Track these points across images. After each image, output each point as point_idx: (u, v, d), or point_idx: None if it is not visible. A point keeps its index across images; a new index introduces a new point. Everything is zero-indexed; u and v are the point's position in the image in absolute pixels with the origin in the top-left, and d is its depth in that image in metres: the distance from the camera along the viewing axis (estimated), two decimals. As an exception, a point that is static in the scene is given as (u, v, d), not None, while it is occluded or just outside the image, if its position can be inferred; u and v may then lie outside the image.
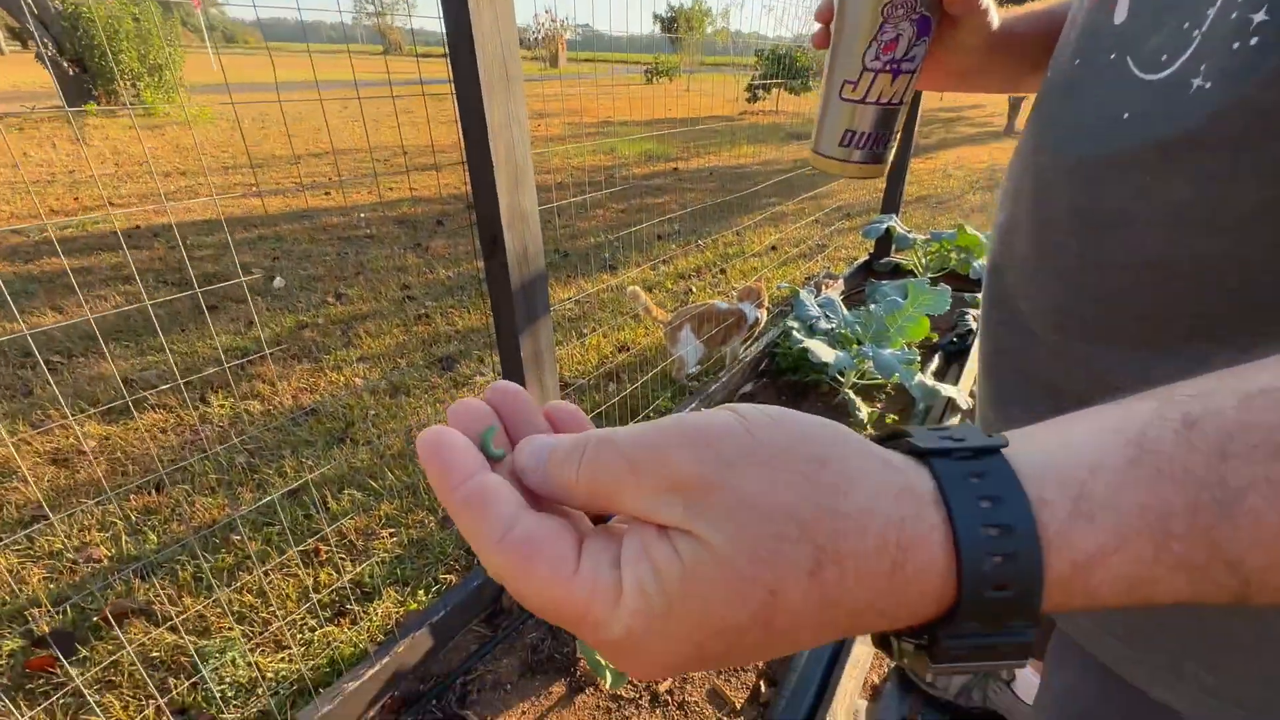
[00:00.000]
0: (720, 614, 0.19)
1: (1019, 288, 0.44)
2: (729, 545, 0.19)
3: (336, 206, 4.73)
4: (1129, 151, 0.34)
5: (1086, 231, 0.37)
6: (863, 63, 0.49)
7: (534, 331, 1.19)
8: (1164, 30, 0.33)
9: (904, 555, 0.19)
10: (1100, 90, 0.37)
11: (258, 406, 2.10)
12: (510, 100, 1.01)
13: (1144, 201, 0.34)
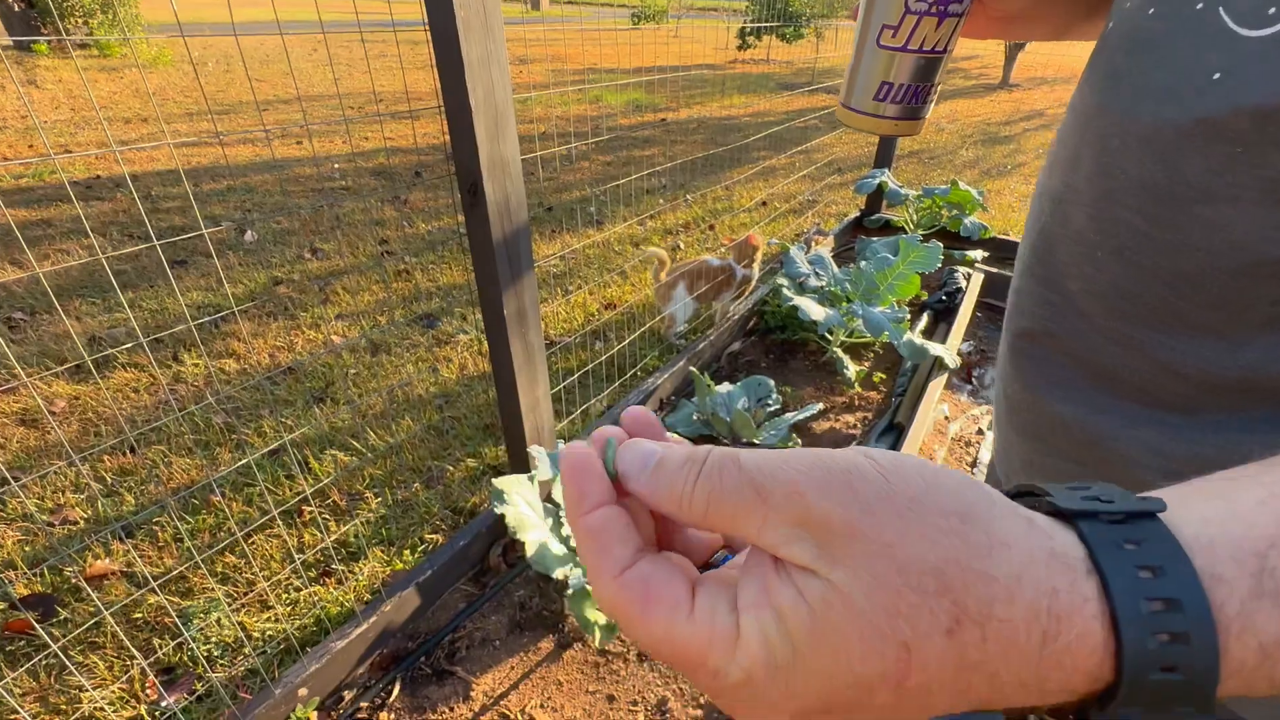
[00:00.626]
0: (849, 668, 0.18)
1: (1072, 266, 0.39)
2: (864, 596, 0.17)
3: (309, 156, 4.53)
4: (1218, 118, 0.30)
5: (1159, 207, 0.33)
6: (905, 4, 0.44)
7: (517, 287, 1.15)
8: None
9: (1057, 627, 0.17)
10: (1184, 45, 0.32)
11: (233, 365, 2.05)
12: (489, 38, 0.94)
13: (1231, 176, 0.30)
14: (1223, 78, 0.30)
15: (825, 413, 1.91)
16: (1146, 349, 0.35)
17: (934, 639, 0.17)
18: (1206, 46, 0.31)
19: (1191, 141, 0.31)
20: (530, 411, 1.27)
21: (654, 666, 1.19)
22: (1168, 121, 0.32)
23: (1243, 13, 0.29)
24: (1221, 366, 0.32)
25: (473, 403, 1.89)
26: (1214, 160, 0.30)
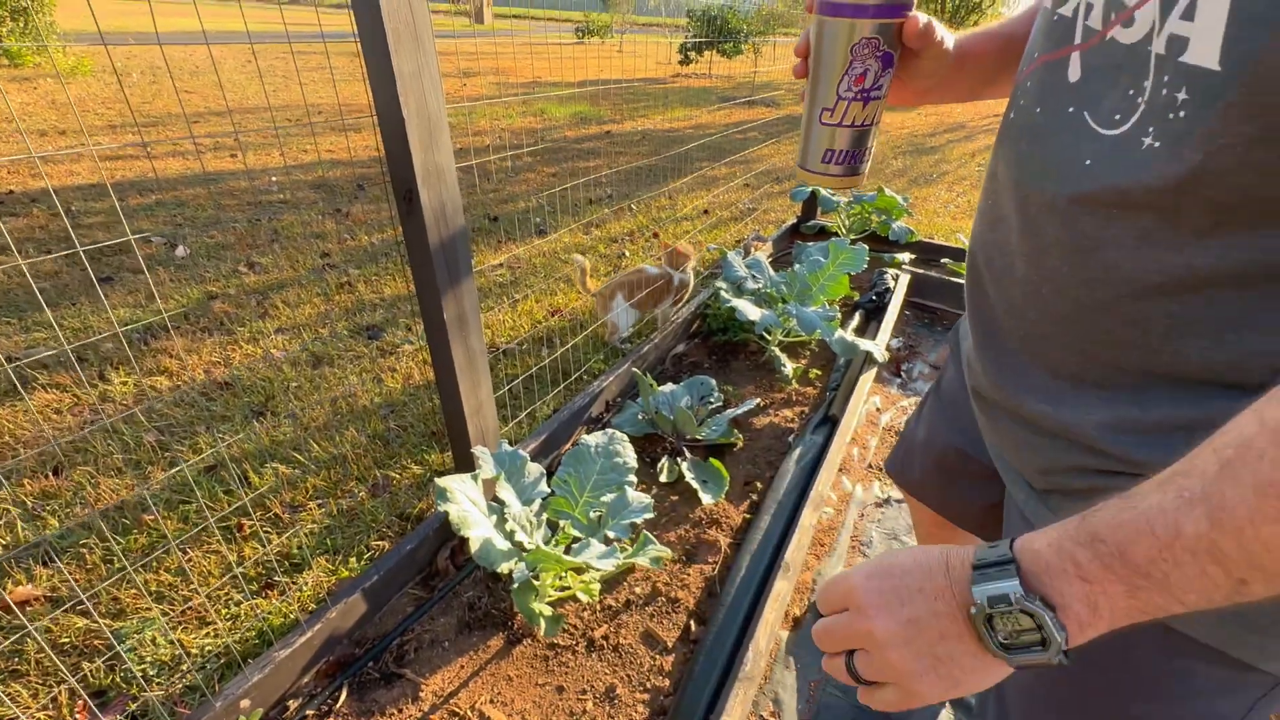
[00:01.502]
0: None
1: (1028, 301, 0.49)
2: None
3: (243, 169, 4.40)
4: (1094, 192, 0.41)
5: (1073, 256, 0.43)
6: (837, 93, 0.57)
7: (457, 293, 1.18)
8: (1114, 94, 0.39)
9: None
10: (1066, 139, 0.43)
11: (165, 382, 1.98)
12: (420, 51, 0.97)
13: (1112, 231, 0.40)
14: (1092, 164, 0.41)
15: (765, 408, 1.99)
16: (1097, 357, 0.45)
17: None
18: (1080, 141, 0.42)
19: (1082, 208, 0.42)
20: (474, 415, 1.30)
21: (602, 657, 1.23)
22: (1063, 195, 0.43)
23: (1101, 117, 0.40)
24: (1151, 364, 0.41)
25: (419, 411, 1.89)
26: (1098, 220, 0.41)
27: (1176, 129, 0.35)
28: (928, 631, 0.38)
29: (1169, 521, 0.30)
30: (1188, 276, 0.37)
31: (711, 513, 1.56)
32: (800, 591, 1.42)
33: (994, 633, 0.35)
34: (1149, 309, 0.40)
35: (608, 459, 1.28)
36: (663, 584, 1.37)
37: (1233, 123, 0.33)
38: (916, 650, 0.38)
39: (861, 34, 0.54)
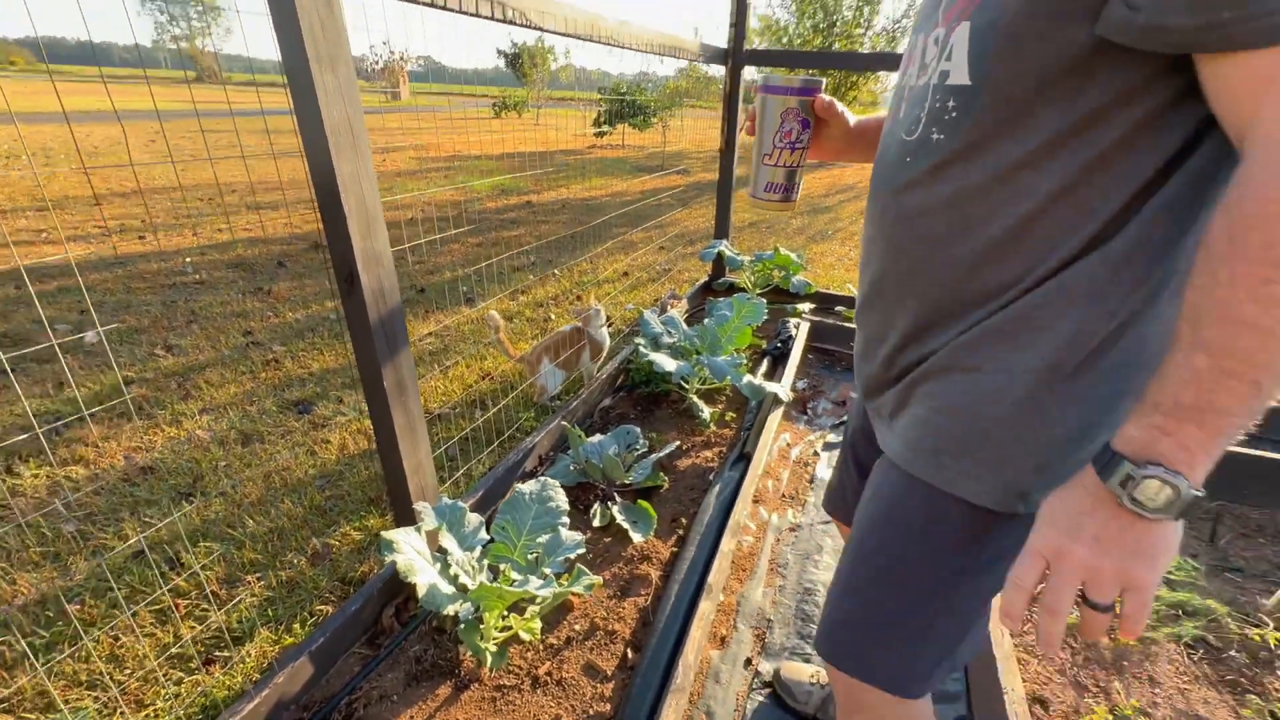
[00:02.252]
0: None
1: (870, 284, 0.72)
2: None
3: (154, 251, 4.31)
4: (911, 178, 0.63)
5: (903, 223, 0.64)
6: (773, 143, 0.87)
7: (395, 363, 1.30)
8: (912, 114, 0.63)
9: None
10: (891, 151, 0.66)
11: (81, 472, 1.94)
12: (358, 157, 1.14)
13: (930, 200, 0.61)
14: (909, 160, 0.63)
15: (687, 451, 2.17)
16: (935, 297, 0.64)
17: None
18: (899, 149, 0.65)
19: (906, 191, 0.64)
20: (414, 473, 1.40)
21: (547, 691, 1.31)
22: (894, 186, 0.65)
23: (906, 129, 0.64)
24: (966, 292, 0.61)
25: (354, 479, 1.94)
26: (917, 196, 0.62)
27: (950, 122, 0.57)
28: (1107, 532, 0.48)
29: (1189, 367, 0.44)
30: (976, 224, 0.58)
31: (642, 550, 1.70)
32: (726, 614, 1.56)
33: (1141, 505, 0.46)
34: (957, 252, 0.60)
35: (541, 504, 1.41)
36: (600, 619, 1.48)
37: (984, 111, 0.55)
38: (1113, 550, 0.48)
39: (788, 105, 0.85)
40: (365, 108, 1.15)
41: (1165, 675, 1.41)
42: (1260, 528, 1.89)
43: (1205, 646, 1.48)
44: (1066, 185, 0.53)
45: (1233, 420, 0.44)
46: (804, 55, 4.25)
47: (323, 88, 1.03)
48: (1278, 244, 0.40)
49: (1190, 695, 1.36)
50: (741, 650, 1.47)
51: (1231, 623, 1.52)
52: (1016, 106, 0.53)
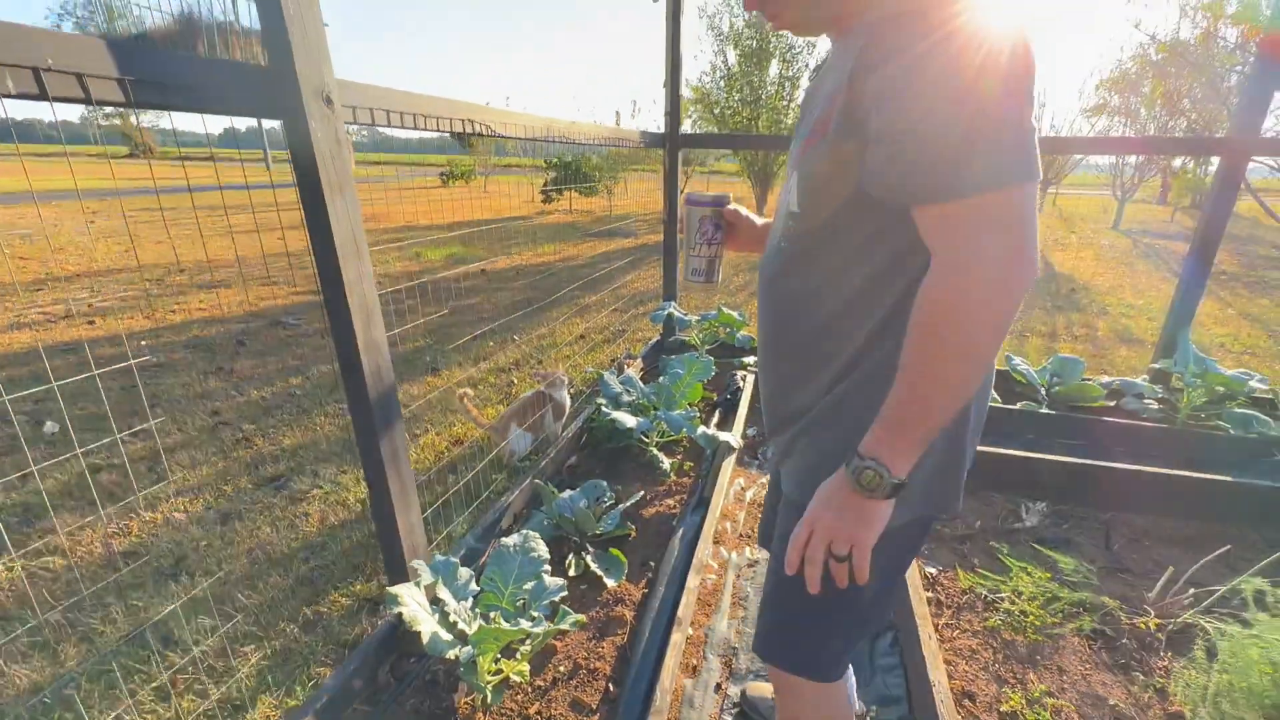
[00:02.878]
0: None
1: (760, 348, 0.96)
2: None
3: (106, 335, 4.29)
4: (779, 265, 0.86)
5: (770, 304, 0.88)
6: (696, 240, 1.16)
7: (390, 435, 1.47)
8: (776, 228, 0.87)
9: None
10: (768, 249, 0.91)
11: (59, 562, 1.96)
12: (360, 263, 1.34)
13: (784, 290, 0.84)
14: (778, 255, 0.87)
15: (651, 500, 2.36)
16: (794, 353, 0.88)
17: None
18: (770, 248, 0.91)
19: (776, 276, 0.87)
20: (407, 535, 1.54)
21: (537, 729, 1.44)
22: (769, 272, 0.90)
23: (774, 235, 0.90)
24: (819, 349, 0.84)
25: (338, 549, 2.03)
26: (779, 280, 0.86)
27: (792, 236, 0.82)
28: (845, 506, 0.72)
29: (896, 399, 0.69)
30: (809, 311, 0.82)
31: (616, 593, 1.85)
32: (695, 645, 1.72)
33: (863, 488, 0.70)
34: (801, 327, 0.84)
35: (524, 554, 1.57)
36: (582, 659, 1.61)
37: (808, 229, 0.80)
38: (849, 517, 0.72)
39: (704, 213, 1.13)
40: None
41: (1071, 664, 1.64)
42: (1146, 532, 2.20)
43: (1102, 637, 1.73)
44: (862, 288, 0.78)
45: (919, 434, 0.69)
46: (730, 138, 4.74)
47: (333, 209, 1.24)
48: (940, 328, 0.65)
49: (1091, 679, 1.60)
50: (712, 677, 1.63)
51: (1123, 615, 1.79)
52: (825, 229, 0.79)
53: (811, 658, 0.93)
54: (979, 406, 0.84)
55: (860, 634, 0.94)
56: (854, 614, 0.90)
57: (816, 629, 0.91)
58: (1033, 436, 2.87)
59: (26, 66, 0.81)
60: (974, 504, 2.33)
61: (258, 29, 1.14)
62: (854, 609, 0.89)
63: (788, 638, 0.94)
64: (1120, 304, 6.03)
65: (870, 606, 0.91)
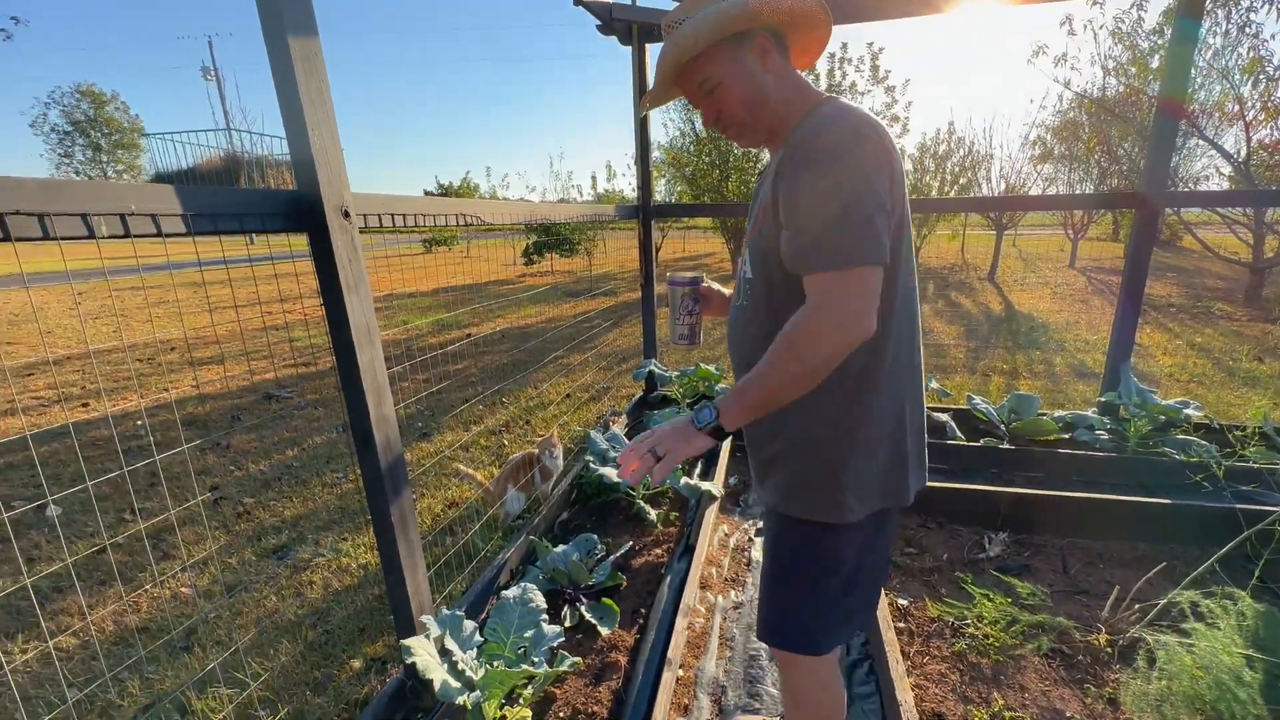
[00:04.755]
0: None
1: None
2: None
3: (101, 418, 4.38)
4: (739, 326, 1.11)
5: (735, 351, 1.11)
6: (679, 312, 1.39)
7: (399, 502, 1.62)
8: (738, 290, 1.12)
9: None
10: (734, 308, 1.16)
11: (72, 640, 2.03)
12: (372, 348, 1.52)
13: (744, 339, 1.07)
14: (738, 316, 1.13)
15: (640, 550, 2.49)
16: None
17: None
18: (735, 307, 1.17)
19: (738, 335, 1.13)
20: (415, 594, 1.66)
21: (541, 772, 1.53)
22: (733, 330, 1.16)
23: (737, 296, 1.16)
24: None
25: (344, 613, 2.13)
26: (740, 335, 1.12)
27: (749, 292, 1.05)
28: (681, 431, 0.98)
29: (747, 377, 0.95)
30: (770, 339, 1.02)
31: (610, 641, 1.97)
32: (686, 686, 1.84)
33: (699, 425, 0.97)
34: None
35: (524, 605, 1.70)
36: (580, 704, 1.72)
37: (758, 290, 1.03)
38: (678, 435, 0.98)
39: (684, 291, 1.35)
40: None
41: (1032, 682, 1.79)
42: (1100, 556, 2.37)
43: (1060, 655, 1.88)
44: None
45: (749, 406, 0.95)
46: (698, 207, 5.09)
47: (350, 304, 1.44)
48: (789, 345, 0.90)
49: (1050, 694, 1.74)
50: (702, 714, 1.74)
51: (1077, 633, 1.94)
52: (773, 290, 1.03)
53: (805, 637, 1.14)
54: (913, 415, 1.07)
55: (842, 616, 1.14)
56: (832, 597, 1.11)
57: (804, 612, 1.13)
58: (995, 471, 3.07)
59: (116, 214, 1.01)
60: (941, 537, 2.50)
61: (288, 158, 1.37)
62: (830, 593, 1.11)
63: (783, 623, 1.16)
64: (1075, 340, 6.38)
65: (845, 592, 1.12)
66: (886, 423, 1.04)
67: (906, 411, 1.06)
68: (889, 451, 1.05)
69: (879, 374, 1.01)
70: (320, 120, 1.33)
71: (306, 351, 6.29)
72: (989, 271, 12.39)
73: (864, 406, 1.01)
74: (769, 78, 1.02)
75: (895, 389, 1.03)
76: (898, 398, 1.04)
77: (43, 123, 34.75)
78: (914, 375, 1.07)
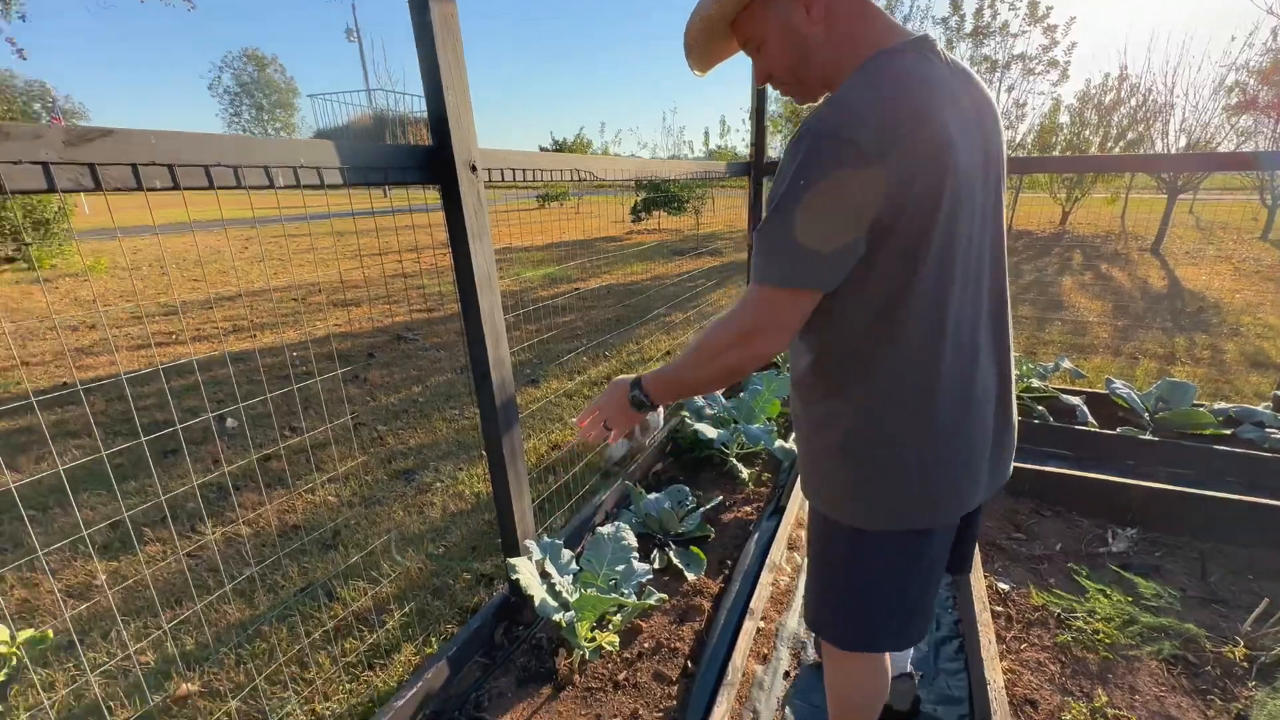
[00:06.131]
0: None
1: None
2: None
3: (265, 348, 5.05)
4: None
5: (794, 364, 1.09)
6: None
7: (510, 436, 1.77)
8: None
9: None
10: None
11: (246, 529, 2.44)
12: (491, 294, 1.65)
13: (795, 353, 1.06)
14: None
15: (729, 506, 2.55)
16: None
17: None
18: None
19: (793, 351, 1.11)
20: (520, 520, 1.83)
21: (625, 692, 1.67)
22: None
23: None
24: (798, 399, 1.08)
25: (459, 534, 2.38)
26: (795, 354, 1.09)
27: None
28: (618, 402, 1.07)
29: (674, 361, 1.00)
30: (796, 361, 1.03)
31: (695, 586, 2.06)
32: (766, 637, 1.90)
33: (633, 401, 1.05)
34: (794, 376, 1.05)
35: (616, 543, 1.82)
36: (664, 639, 1.84)
37: None
38: (616, 407, 1.08)
39: None
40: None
41: (1145, 684, 1.67)
42: (1249, 565, 2.12)
43: (1184, 663, 1.73)
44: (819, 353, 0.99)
45: (669, 386, 1.02)
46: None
47: (475, 252, 1.57)
48: (706, 338, 0.92)
49: (1165, 700, 1.62)
50: (781, 665, 1.80)
51: (1208, 643, 1.77)
52: None
53: (845, 631, 1.11)
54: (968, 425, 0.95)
55: (887, 624, 1.08)
56: (874, 601, 1.06)
57: (846, 610, 1.09)
58: (1132, 463, 2.79)
59: (290, 166, 1.17)
60: (1056, 525, 2.34)
61: (425, 116, 1.49)
62: (872, 596, 1.06)
63: (825, 615, 1.13)
64: (1256, 324, 5.50)
65: (886, 597, 1.06)
66: (921, 435, 0.93)
67: (954, 422, 0.93)
68: (923, 464, 0.93)
69: (907, 385, 0.91)
70: (454, 81, 1.44)
71: (433, 298, 6.82)
72: (1154, 242, 10.84)
73: (889, 417, 0.93)
74: (818, 30, 0.88)
75: (933, 398, 0.91)
76: (940, 408, 0.91)
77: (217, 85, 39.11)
78: (967, 383, 0.93)
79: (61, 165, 0.88)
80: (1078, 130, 13.35)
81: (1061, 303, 6.45)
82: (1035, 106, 15.68)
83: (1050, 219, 14.69)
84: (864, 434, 0.95)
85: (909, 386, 0.91)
